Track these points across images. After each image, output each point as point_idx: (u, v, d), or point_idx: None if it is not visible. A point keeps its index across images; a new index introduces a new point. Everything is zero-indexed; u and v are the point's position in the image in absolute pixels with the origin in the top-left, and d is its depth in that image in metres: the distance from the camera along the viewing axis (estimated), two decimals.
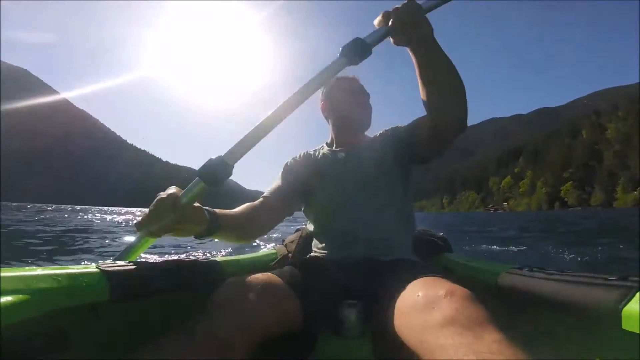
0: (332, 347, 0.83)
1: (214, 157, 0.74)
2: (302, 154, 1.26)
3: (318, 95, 1.26)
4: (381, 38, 0.83)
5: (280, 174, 1.22)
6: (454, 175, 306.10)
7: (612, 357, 0.61)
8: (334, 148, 1.23)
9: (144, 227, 0.72)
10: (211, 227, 0.82)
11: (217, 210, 0.87)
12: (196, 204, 0.76)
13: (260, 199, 1.13)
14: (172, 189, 0.74)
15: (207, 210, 0.81)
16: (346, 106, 1.18)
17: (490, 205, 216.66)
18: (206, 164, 0.73)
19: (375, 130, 1.25)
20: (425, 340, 0.54)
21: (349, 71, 1.07)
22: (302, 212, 1.26)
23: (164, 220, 0.70)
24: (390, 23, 0.80)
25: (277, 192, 1.16)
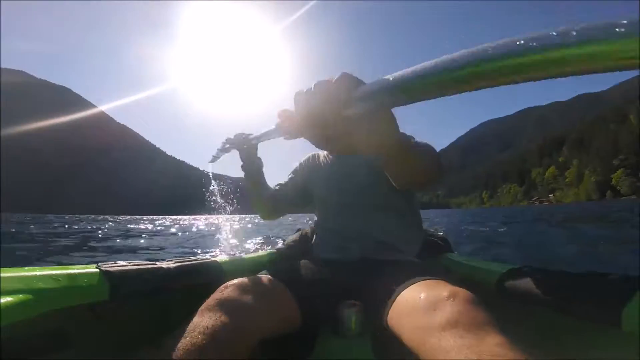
0: (332, 347, 0.83)
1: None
2: (309, 157, 1.30)
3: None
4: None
5: (290, 173, 1.30)
6: (492, 170, 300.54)
7: (612, 358, 0.61)
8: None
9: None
10: (259, 166, 1.03)
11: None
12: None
13: (275, 187, 1.25)
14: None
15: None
16: None
17: (535, 198, 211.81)
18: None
19: None
20: (427, 342, 0.54)
21: (334, 71, 1.34)
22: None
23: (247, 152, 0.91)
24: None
25: (285, 188, 1.25)
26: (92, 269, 0.69)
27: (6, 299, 0.52)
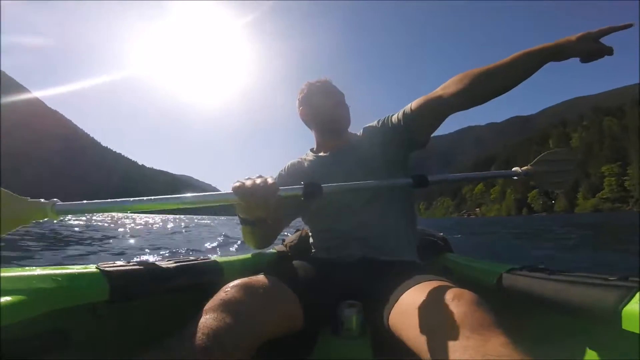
0: (332, 347, 0.83)
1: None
2: (288, 166, 1.29)
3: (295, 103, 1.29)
4: None
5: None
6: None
7: (611, 357, 0.61)
8: (320, 153, 1.24)
9: (247, 196, 0.77)
10: (264, 218, 0.94)
11: None
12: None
13: None
14: (270, 179, 0.80)
15: None
16: (326, 108, 1.20)
17: (463, 211, 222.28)
18: (310, 183, 0.87)
19: (358, 124, 1.25)
20: (431, 342, 0.54)
21: (321, 74, 1.19)
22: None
23: (268, 200, 0.79)
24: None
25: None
26: (92, 269, 0.69)
27: (6, 299, 0.52)
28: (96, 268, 0.70)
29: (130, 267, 0.76)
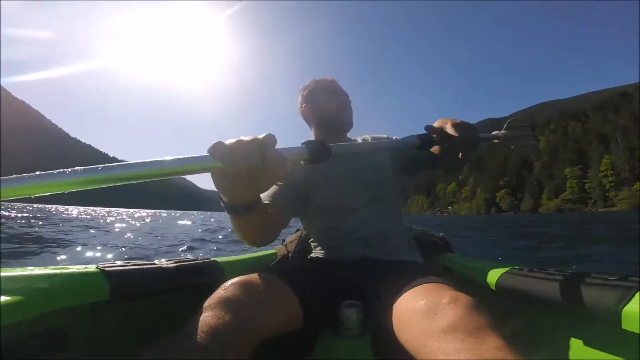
0: (332, 347, 0.83)
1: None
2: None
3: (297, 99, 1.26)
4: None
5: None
6: (407, 182, 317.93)
7: (611, 358, 0.61)
8: None
9: (224, 155, 0.53)
10: (257, 201, 0.75)
11: None
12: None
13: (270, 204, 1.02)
14: (262, 136, 0.57)
15: None
16: (331, 107, 1.18)
17: (437, 209, 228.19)
18: (317, 141, 0.64)
19: (358, 131, 1.24)
20: (427, 345, 0.54)
21: (328, 74, 1.28)
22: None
23: (251, 157, 0.54)
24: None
25: (276, 199, 1.02)
26: (92, 269, 0.69)
27: (6, 299, 0.51)
28: (96, 268, 0.70)
29: (130, 267, 0.75)
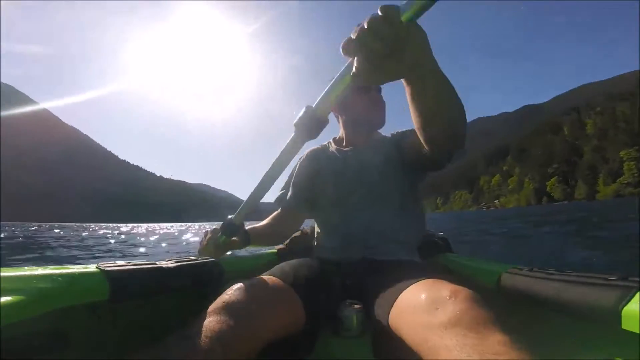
0: (332, 347, 0.83)
1: (230, 216, 0.95)
2: (307, 153, 1.27)
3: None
4: (339, 94, 0.62)
5: (292, 178, 1.25)
6: (445, 176, 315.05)
7: (611, 358, 0.61)
8: (343, 146, 1.21)
9: (205, 253, 0.99)
10: (245, 243, 1.05)
11: (248, 229, 1.07)
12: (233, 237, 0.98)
13: (280, 210, 1.24)
14: (210, 233, 0.98)
15: (243, 231, 1.01)
16: (362, 108, 1.13)
17: (482, 204, 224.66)
18: (224, 223, 0.94)
19: (390, 127, 1.21)
20: (429, 341, 0.54)
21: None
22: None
23: (216, 252, 0.98)
24: (355, 64, 0.55)
25: (293, 199, 1.20)
26: (92, 268, 0.70)
27: (6, 299, 0.52)
28: (96, 268, 0.70)
29: (130, 267, 0.76)
